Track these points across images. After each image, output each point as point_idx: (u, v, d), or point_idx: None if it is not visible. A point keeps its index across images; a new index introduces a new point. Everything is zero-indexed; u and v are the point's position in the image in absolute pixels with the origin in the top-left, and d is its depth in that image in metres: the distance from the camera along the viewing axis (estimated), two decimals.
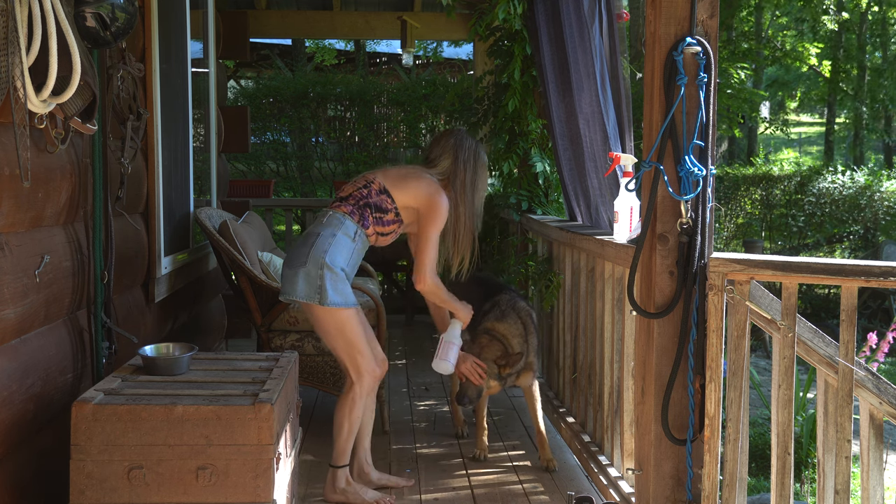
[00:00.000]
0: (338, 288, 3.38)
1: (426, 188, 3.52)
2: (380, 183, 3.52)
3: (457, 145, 3.63)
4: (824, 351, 2.83)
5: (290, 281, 3.41)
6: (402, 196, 3.51)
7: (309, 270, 3.36)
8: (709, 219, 2.82)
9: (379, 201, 3.49)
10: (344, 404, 3.52)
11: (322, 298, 3.36)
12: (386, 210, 3.50)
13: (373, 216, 3.49)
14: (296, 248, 3.47)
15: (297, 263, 3.40)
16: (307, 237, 3.45)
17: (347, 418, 3.51)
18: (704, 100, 2.80)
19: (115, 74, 3.29)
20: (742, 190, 11.39)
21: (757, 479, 5.16)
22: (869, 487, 2.85)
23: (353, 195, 3.52)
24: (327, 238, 3.41)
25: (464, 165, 3.60)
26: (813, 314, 9.76)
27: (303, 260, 3.38)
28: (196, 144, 5.05)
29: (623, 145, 3.85)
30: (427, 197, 3.51)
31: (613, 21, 3.95)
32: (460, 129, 3.86)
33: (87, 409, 2.59)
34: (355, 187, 3.55)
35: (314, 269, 3.36)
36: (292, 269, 3.41)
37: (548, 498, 3.69)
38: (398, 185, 3.52)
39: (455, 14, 5.74)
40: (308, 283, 3.36)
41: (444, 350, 3.68)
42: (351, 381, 3.52)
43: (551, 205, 5.12)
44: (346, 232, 3.44)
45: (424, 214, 3.51)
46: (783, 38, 19.19)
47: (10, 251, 2.62)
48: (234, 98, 11.28)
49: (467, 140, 3.67)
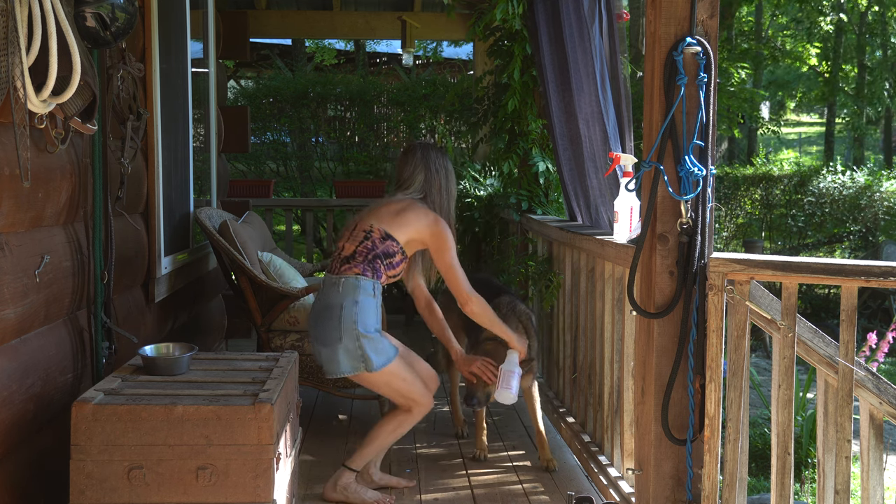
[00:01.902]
0: (378, 349, 3.40)
1: (424, 219, 3.51)
2: (379, 230, 3.47)
3: (424, 157, 3.63)
4: (824, 351, 2.83)
5: (330, 360, 3.40)
6: (404, 234, 3.49)
7: (347, 345, 3.36)
8: (709, 219, 2.82)
9: (385, 248, 3.46)
10: (393, 420, 3.56)
11: (368, 366, 3.38)
12: (393, 254, 3.48)
13: (383, 264, 3.47)
14: (321, 323, 3.42)
15: (331, 341, 3.38)
16: (330, 310, 3.39)
17: (391, 434, 3.57)
18: (704, 100, 2.80)
19: (115, 74, 3.29)
20: (742, 190, 11.39)
21: (757, 479, 5.16)
22: (869, 487, 2.85)
23: (358, 252, 3.46)
24: (351, 307, 3.37)
25: (436, 174, 3.61)
26: (813, 314, 9.76)
27: (337, 336, 3.36)
28: (196, 144, 5.05)
29: (623, 145, 3.85)
30: (428, 228, 3.50)
31: (613, 21, 3.94)
32: (418, 141, 3.95)
33: (87, 409, 2.59)
34: (357, 242, 3.48)
35: (351, 342, 3.36)
36: (328, 347, 3.39)
37: (548, 498, 3.69)
38: (396, 224, 3.48)
39: (455, 14, 5.75)
40: (350, 356, 3.37)
41: (505, 380, 3.68)
42: (406, 407, 3.54)
43: (551, 205, 5.11)
44: (366, 293, 3.42)
45: (435, 248, 3.52)
46: (783, 39, 19.19)
47: (10, 251, 2.62)
48: (234, 98, 11.27)
49: (431, 150, 3.68)
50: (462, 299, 3.56)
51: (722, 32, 13.57)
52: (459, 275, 3.53)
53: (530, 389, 4.06)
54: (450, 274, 3.53)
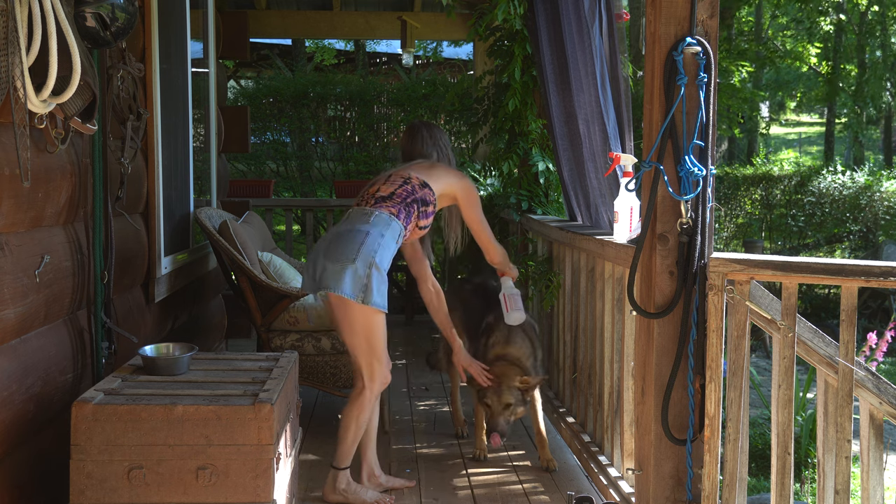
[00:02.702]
0: (381, 290, 3.36)
1: (454, 175, 3.69)
2: (417, 177, 3.58)
3: (431, 136, 3.84)
4: (824, 351, 2.83)
5: (334, 276, 3.30)
6: (439, 185, 3.61)
7: (357, 268, 3.30)
8: (709, 219, 2.82)
9: (423, 195, 3.55)
10: (353, 407, 3.50)
11: (366, 297, 3.31)
12: (429, 203, 3.57)
13: (419, 210, 3.55)
14: (339, 241, 3.38)
15: (344, 259, 3.31)
16: (355, 234, 3.38)
17: (355, 421, 3.49)
18: (704, 100, 2.80)
19: (115, 74, 3.29)
20: (742, 190, 11.39)
21: (757, 479, 5.16)
22: (869, 487, 2.85)
23: (396, 193, 3.51)
24: (377, 238, 3.38)
25: (444, 149, 3.84)
26: (813, 314, 9.76)
27: (352, 256, 3.31)
28: (196, 144, 5.05)
29: (623, 145, 3.85)
30: (459, 182, 3.67)
31: (613, 21, 3.95)
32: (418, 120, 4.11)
33: (87, 409, 2.59)
34: (395, 185, 3.54)
35: (363, 266, 3.31)
36: (338, 263, 3.31)
37: (548, 498, 3.69)
38: (432, 177, 3.62)
39: (455, 14, 5.74)
40: (355, 281, 3.30)
41: (513, 301, 3.88)
42: (362, 385, 3.48)
43: (551, 205, 5.11)
44: (393, 234, 3.45)
45: (465, 202, 3.68)
46: (783, 39, 19.20)
47: (10, 251, 2.62)
48: (234, 98, 11.28)
49: (435, 129, 3.91)
50: (491, 253, 3.80)
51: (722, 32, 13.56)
52: (487, 228, 3.75)
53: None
54: (478, 227, 3.72)
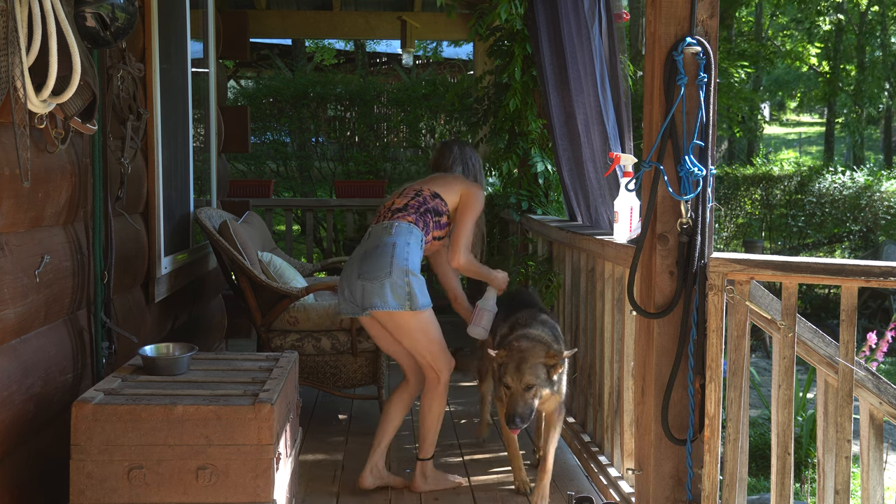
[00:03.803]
0: (423, 290, 3.48)
1: (467, 183, 3.76)
2: (428, 189, 3.67)
3: (462, 154, 3.91)
4: (824, 351, 2.83)
5: (376, 294, 3.41)
6: (452, 196, 3.69)
7: (395, 280, 3.41)
8: (709, 219, 2.82)
9: (435, 205, 3.64)
10: (433, 400, 3.62)
11: (413, 304, 3.42)
12: (441, 213, 3.66)
13: (433, 220, 3.63)
14: (370, 259, 3.47)
15: (380, 276, 3.42)
16: (382, 248, 3.47)
17: (436, 412, 3.64)
18: (704, 100, 2.80)
19: (115, 74, 3.29)
20: (742, 190, 11.39)
21: (757, 479, 5.16)
22: (869, 487, 2.85)
23: (410, 205, 3.61)
24: (403, 247, 3.47)
25: (472, 168, 3.91)
26: (813, 314, 9.76)
27: (387, 271, 3.41)
28: (196, 144, 5.05)
29: (623, 145, 3.85)
30: (469, 188, 3.72)
31: (613, 21, 3.95)
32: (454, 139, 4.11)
33: (87, 409, 2.59)
34: (408, 198, 3.65)
35: (400, 277, 3.41)
36: (376, 280, 3.41)
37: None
38: (445, 189, 3.69)
39: (455, 14, 5.75)
40: (396, 292, 3.41)
41: (478, 316, 3.79)
42: (434, 377, 3.60)
43: (551, 205, 5.12)
44: (416, 240, 3.54)
45: (465, 201, 3.69)
46: (783, 39, 19.20)
47: (10, 251, 2.62)
48: (234, 98, 11.27)
49: (467, 147, 3.97)
50: (455, 255, 3.65)
51: (722, 32, 13.57)
52: (467, 236, 3.66)
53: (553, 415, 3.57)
54: (460, 230, 3.66)
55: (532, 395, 3.28)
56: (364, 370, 4.45)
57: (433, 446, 3.71)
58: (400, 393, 3.73)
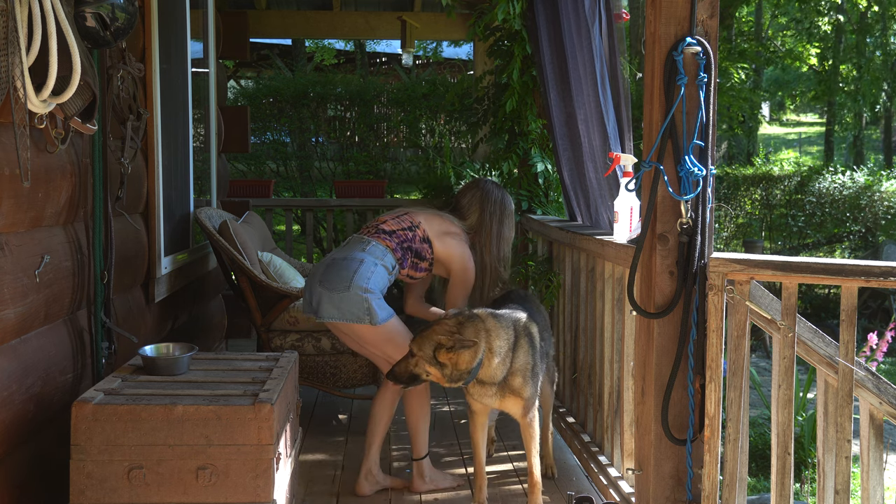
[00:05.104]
0: (382, 305, 3.46)
1: (462, 251, 3.66)
2: (424, 230, 3.63)
3: (483, 198, 3.76)
4: (824, 351, 2.83)
5: (332, 303, 3.42)
6: (442, 250, 3.64)
7: (352, 296, 3.40)
8: (709, 219, 2.82)
9: (420, 249, 3.61)
10: (414, 399, 3.63)
11: (373, 319, 3.41)
12: (423, 258, 3.63)
13: (411, 260, 3.61)
14: (334, 269, 3.47)
15: (338, 287, 3.41)
16: (349, 261, 3.47)
17: (423, 411, 3.64)
18: (704, 100, 2.80)
19: (115, 74, 3.29)
20: (742, 190, 11.39)
21: (757, 479, 5.16)
22: (869, 487, 2.85)
23: (397, 233, 3.59)
24: (370, 267, 3.46)
25: (490, 218, 3.74)
26: (813, 314, 9.76)
27: (346, 284, 3.41)
28: (196, 144, 5.05)
29: (623, 145, 3.85)
30: (460, 259, 3.66)
31: (613, 21, 3.95)
32: (486, 179, 3.93)
33: (87, 409, 2.59)
34: (400, 226, 3.61)
35: (357, 293, 3.40)
36: (334, 291, 3.42)
37: (548, 498, 3.68)
38: (440, 239, 3.64)
39: (455, 14, 5.74)
40: (354, 306, 3.40)
41: None
42: None
43: (551, 205, 5.11)
44: (386, 264, 3.52)
45: (458, 277, 3.67)
46: (783, 39, 19.20)
47: (10, 251, 2.62)
48: (234, 98, 11.28)
49: (493, 191, 3.79)
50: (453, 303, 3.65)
51: (722, 32, 13.57)
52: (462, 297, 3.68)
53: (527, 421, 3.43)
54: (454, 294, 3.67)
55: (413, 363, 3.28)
56: (364, 370, 4.45)
57: (426, 444, 3.70)
58: (382, 393, 3.70)
